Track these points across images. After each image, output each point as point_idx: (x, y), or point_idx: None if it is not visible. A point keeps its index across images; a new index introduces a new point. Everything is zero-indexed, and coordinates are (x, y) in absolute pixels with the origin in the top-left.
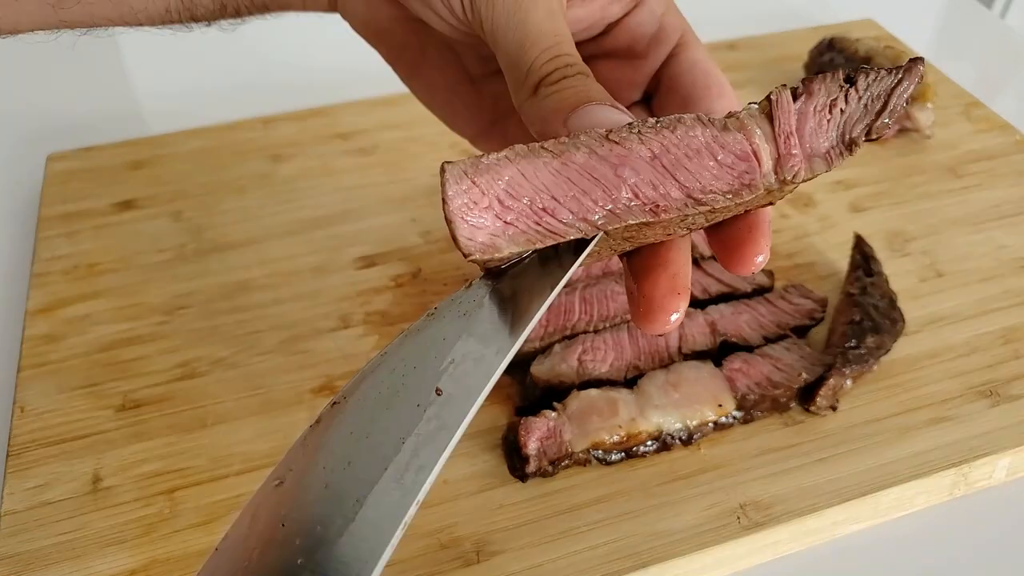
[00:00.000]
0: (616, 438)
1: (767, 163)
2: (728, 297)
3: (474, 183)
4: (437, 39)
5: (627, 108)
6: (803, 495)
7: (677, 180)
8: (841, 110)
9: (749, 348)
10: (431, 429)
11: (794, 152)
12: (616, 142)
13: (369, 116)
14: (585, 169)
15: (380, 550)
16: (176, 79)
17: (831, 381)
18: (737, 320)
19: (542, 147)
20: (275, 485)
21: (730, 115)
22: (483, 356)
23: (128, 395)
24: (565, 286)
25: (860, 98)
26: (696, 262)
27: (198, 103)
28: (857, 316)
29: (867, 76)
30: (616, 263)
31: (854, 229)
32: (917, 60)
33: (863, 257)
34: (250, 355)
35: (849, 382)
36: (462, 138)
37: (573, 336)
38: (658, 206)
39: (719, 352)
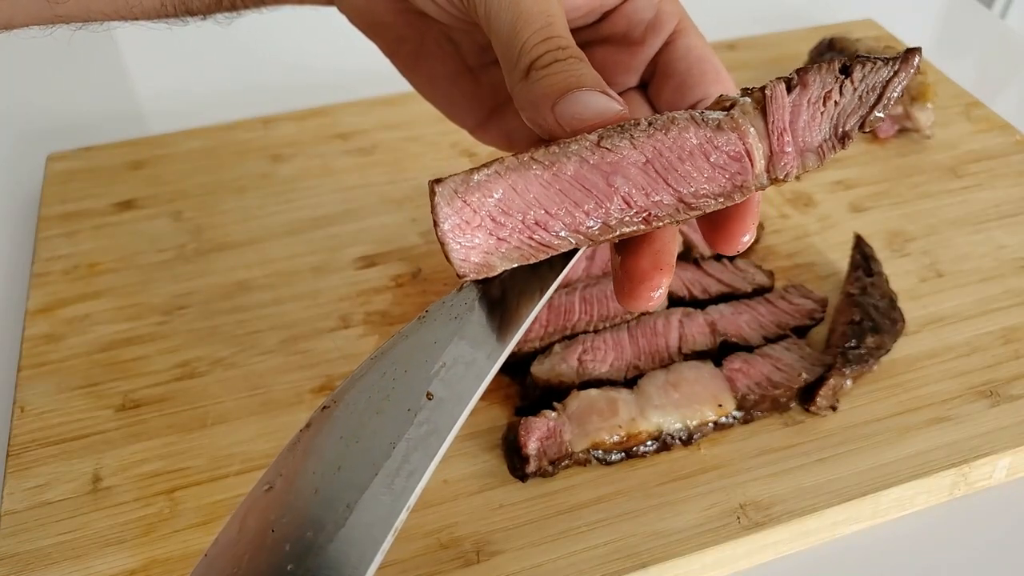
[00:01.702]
0: (616, 438)
1: (760, 163)
2: (728, 297)
3: (465, 202)
4: (435, 30)
5: (623, 94)
6: (803, 495)
7: (669, 185)
8: (835, 102)
9: (749, 348)
10: (422, 433)
11: (787, 150)
12: (608, 148)
13: (369, 116)
14: (576, 179)
15: (371, 555)
16: (176, 79)
17: (831, 381)
18: (737, 320)
19: (532, 158)
20: (265, 490)
21: (724, 105)
22: (474, 360)
23: (128, 395)
24: (565, 286)
25: (855, 89)
26: (696, 262)
27: (198, 103)
28: (857, 316)
29: (863, 66)
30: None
31: (854, 229)
32: (914, 50)
33: (863, 257)
34: (250, 355)
35: (849, 382)
36: (462, 138)
37: (573, 336)
38: (650, 214)
39: (719, 352)
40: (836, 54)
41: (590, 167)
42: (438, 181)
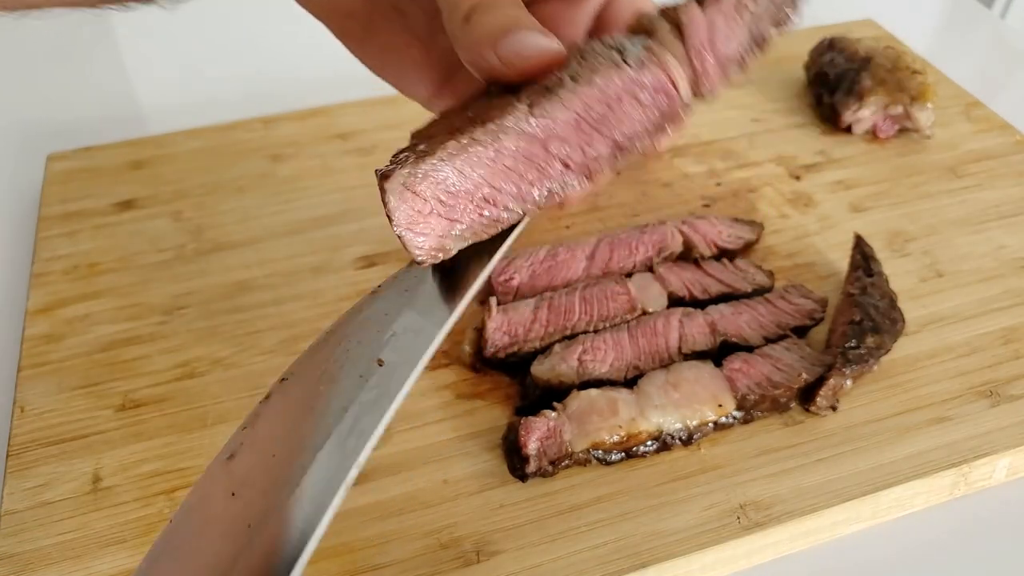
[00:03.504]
0: (616, 438)
1: (684, 87)
2: (728, 297)
3: (415, 193)
4: (382, 2)
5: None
6: (803, 495)
7: (603, 135)
8: (751, 12)
9: (749, 348)
10: (372, 397)
11: (709, 68)
12: (541, 116)
13: (368, 116)
14: (518, 152)
15: (323, 511)
16: (176, 79)
17: (831, 381)
18: (737, 320)
19: (472, 139)
20: (226, 459)
21: (644, 28)
22: (423, 328)
23: (128, 395)
24: (564, 286)
25: None
26: (696, 262)
27: (198, 103)
28: (857, 316)
29: None
30: (616, 264)
31: (854, 229)
32: None
33: (863, 257)
34: (250, 355)
35: (849, 382)
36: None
37: (573, 336)
38: (589, 169)
39: (719, 352)
40: (836, 54)
41: (528, 137)
42: (385, 176)
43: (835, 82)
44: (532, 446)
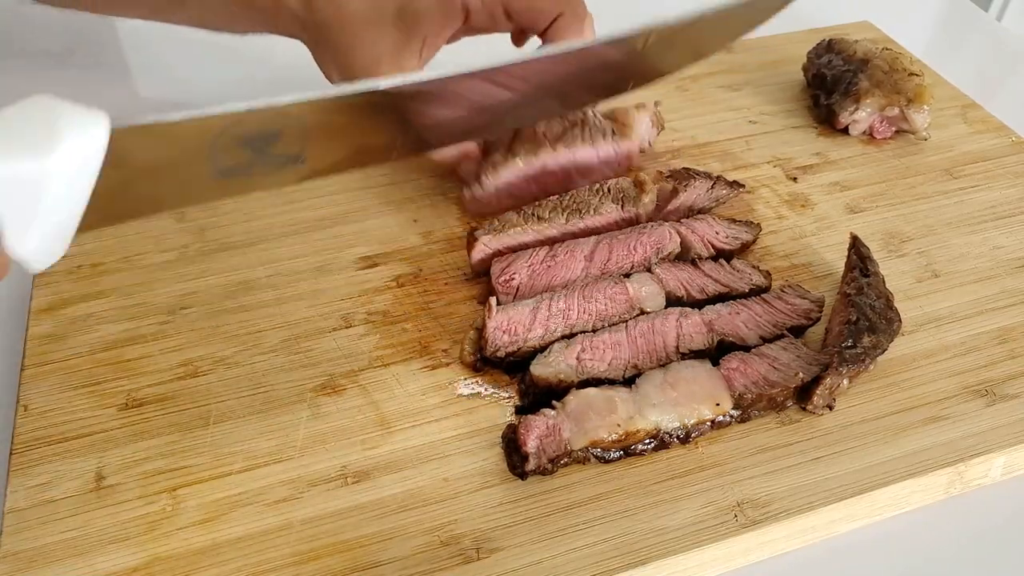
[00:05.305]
0: (614, 436)
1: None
2: (725, 297)
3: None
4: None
5: None
6: (800, 493)
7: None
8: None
9: (746, 348)
10: None
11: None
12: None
13: None
14: None
15: None
16: (178, 80)
17: (828, 380)
18: (734, 320)
19: None
20: None
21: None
22: None
23: (131, 394)
24: (564, 286)
25: (712, 194)
26: (693, 263)
27: (200, 103)
28: (853, 316)
29: (720, 186)
30: (615, 264)
31: (851, 230)
32: (740, 185)
33: (859, 257)
34: (252, 354)
35: (846, 381)
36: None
37: (572, 335)
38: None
39: (717, 351)
40: (834, 56)
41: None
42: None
43: (832, 84)
44: (531, 444)
